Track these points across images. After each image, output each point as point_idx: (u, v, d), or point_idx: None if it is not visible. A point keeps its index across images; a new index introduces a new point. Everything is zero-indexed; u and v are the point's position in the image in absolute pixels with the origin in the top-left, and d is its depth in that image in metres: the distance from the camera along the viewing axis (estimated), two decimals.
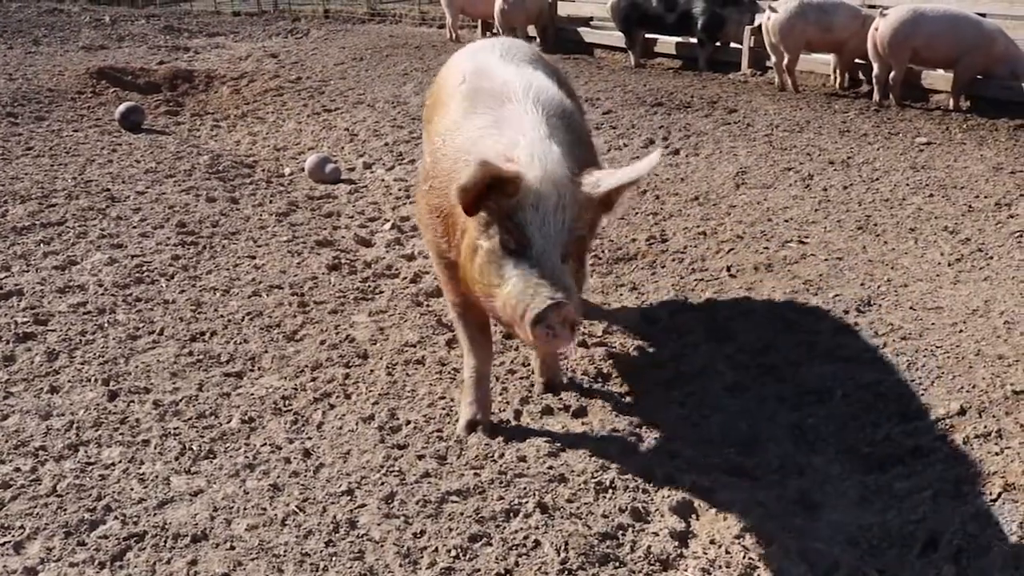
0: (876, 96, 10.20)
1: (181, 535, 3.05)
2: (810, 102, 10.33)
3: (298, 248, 5.79)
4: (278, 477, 3.38)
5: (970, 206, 6.60)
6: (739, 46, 12.42)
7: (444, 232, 3.38)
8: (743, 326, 4.79)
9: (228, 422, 3.77)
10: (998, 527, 3.11)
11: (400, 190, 7.06)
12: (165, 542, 3.02)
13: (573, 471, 3.43)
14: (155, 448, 3.56)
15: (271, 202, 6.73)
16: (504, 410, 3.91)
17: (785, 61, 10.90)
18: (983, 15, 10.55)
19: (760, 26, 11.85)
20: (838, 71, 11.16)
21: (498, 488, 3.30)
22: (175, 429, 3.71)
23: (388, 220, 6.37)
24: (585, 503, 3.22)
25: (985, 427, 3.74)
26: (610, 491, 3.30)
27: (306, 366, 4.27)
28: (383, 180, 7.38)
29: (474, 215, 2.96)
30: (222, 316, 4.76)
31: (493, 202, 2.89)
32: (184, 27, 19.02)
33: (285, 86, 11.41)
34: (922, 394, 4.06)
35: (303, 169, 7.58)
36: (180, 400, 3.93)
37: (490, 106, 3.35)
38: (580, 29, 15.15)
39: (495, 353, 4.18)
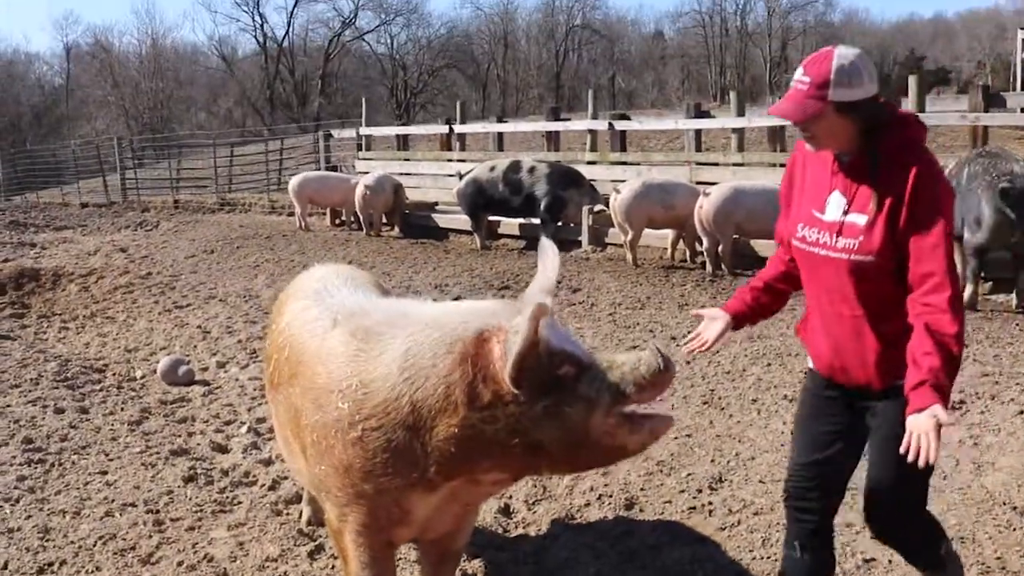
0: (709, 268, 10.78)
1: None
2: (649, 277, 10.78)
3: (152, 459, 5.67)
4: None
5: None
6: (580, 225, 12.96)
7: (411, 463, 3.01)
8: (600, 512, 4.89)
9: None
10: None
11: (255, 389, 7.01)
12: None
13: None
14: None
15: (123, 410, 6.61)
16: None
17: (629, 237, 11.43)
18: None
19: (598, 209, 12.50)
20: (679, 246, 11.78)
21: None
22: None
23: (244, 423, 6.31)
24: None
25: None
26: None
27: None
28: (238, 379, 7.33)
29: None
30: (72, 543, 4.58)
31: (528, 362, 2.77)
32: (31, 221, 18.79)
33: (135, 282, 11.33)
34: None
35: (155, 371, 7.49)
36: None
37: (396, 326, 3.14)
38: (426, 214, 15.56)
39: None
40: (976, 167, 8.77)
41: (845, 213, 3.00)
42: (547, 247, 3.22)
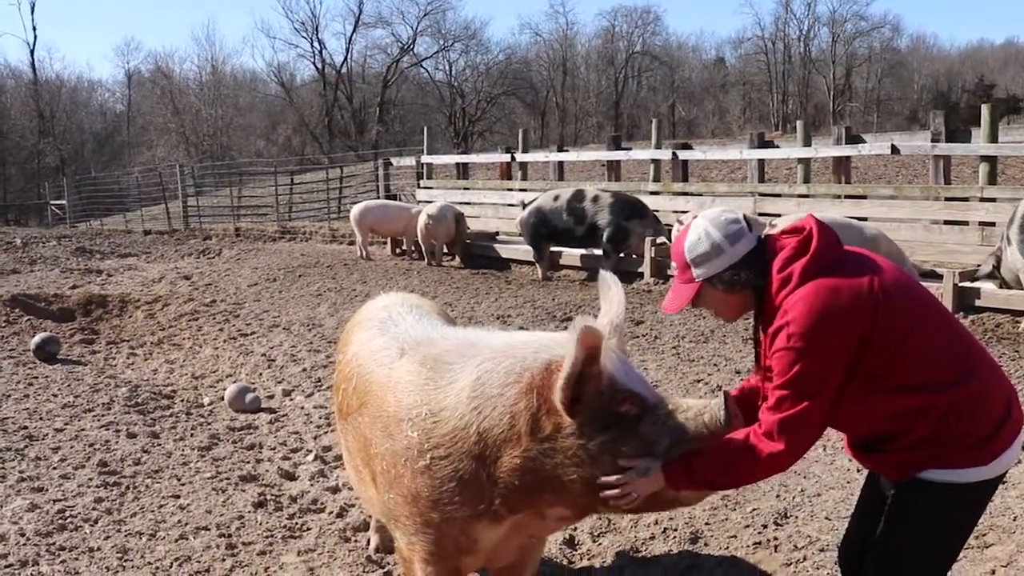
0: None
1: None
2: None
3: (222, 485, 5.78)
4: None
5: None
6: (642, 256, 12.97)
7: (477, 494, 3.06)
8: (665, 546, 4.90)
9: None
10: None
11: (321, 417, 7.10)
12: None
13: None
14: None
15: (192, 436, 6.74)
16: None
17: None
18: (863, 219, 11.25)
19: (660, 241, 12.45)
20: None
21: None
22: None
23: (311, 451, 6.39)
24: None
25: None
26: None
27: None
28: (303, 408, 7.43)
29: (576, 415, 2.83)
30: (150, 563, 4.71)
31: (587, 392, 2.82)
32: (96, 248, 19.12)
33: (200, 310, 11.49)
34: None
35: (222, 398, 7.62)
36: None
37: (465, 355, 3.21)
38: (487, 244, 15.65)
39: None
40: None
41: None
42: (609, 280, 3.26)
